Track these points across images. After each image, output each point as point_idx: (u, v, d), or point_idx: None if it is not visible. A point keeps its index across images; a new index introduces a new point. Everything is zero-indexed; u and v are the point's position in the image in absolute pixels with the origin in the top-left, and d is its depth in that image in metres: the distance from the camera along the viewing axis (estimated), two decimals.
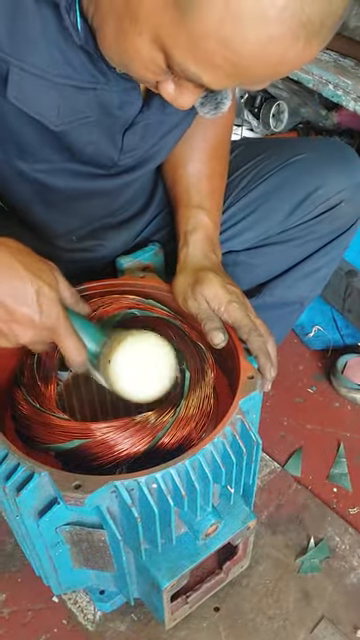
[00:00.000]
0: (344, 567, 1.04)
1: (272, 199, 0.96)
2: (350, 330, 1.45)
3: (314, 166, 0.95)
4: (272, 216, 0.97)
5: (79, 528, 0.73)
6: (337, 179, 0.94)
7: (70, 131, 0.73)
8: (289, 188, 0.95)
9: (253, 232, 0.99)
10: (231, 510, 0.83)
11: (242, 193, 0.98)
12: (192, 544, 0.80)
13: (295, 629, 0.96)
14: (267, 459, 1.20)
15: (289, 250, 1.01)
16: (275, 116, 1.73)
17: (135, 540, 0.73)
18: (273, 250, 1.01)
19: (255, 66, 0.53)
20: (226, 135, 0.98)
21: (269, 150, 0.99)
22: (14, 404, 0.81)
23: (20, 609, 0.99)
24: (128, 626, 0.95)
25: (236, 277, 1.05)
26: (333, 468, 1.21)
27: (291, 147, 0.99)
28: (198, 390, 0.79)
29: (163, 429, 0.75)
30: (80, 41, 0.64)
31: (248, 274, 1.05)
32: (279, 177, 0.96)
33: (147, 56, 0.57)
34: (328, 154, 0.97)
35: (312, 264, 1.03)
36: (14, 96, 0.67)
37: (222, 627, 0.95)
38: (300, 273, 1.04)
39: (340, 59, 1.35)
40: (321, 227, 0.98)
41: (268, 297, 1.07)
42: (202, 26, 0.51)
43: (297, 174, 0.95)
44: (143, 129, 0.79)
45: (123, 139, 0.78)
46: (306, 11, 0.49)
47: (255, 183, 0.97)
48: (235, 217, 0.99)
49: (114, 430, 0.74)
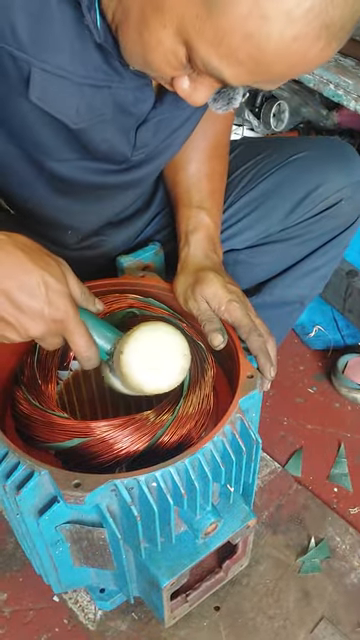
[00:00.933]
0: (344, 567, 1.04)
1: (272, 197, 0.97)
2: (351, 330, 1.45)
3: (314, 164, 0.96)
4: (272, 214, 0.97)
5: (79, 526, 0.73)
6: (337, 177, 0.94)
7: (87, 129, 0.74)
8: (289, 186, 0.95)
9: (254, 231, 0.99)
10: (231, 509, 0.83)
11: (243, 192, 0.98)
12: (192, 543, 0.80)
13: (295, 629, 0.96)
14: (267, 459, 1.20)
15: (289, 248, 1.01)
16: (276, 116, 1.73)
17: (135, 538, 0.73)
18: (273, 248, 1.01)
19: (277, 64, 0.55)
20: (226, 134, 0.98)
21: (269, 149, 1.00)
22: (14, 403, 0.81)
23: (21, 608, 0.99)
24: (129, 625, 0.95)
25: (236, 276, 1.05)
26: (333, 468, 1.21)
27: (291, 146, 0.99)
28: (198, 389, 0.79)
29: (163, 428, 0.75)
30: (100, 39, 0.65)
31: (248, 273, 1.05)
32: (279, 175, 0.96)
33: (170, 49, 0.58)
34: (328, 152, 0.97)
35: (312, 263, 1.03)
36: (37, 97, 0.68)
37: (222, 626, 0.96)
38: (300, 272, 1.04)
39: (341, 59, 1.35)
40: (321, 225, 0.98)
41: (268, 296, 1.07)
42: (228, 21, 0.52)
43: (297, 172, 0.95)
44: (155, 125, 0.79)
45: (136, 135, 0.79)
46: (330, 13, 0.51)
47: (255, 182, 0.98)
48: (236, 216, 0.99)
49: (114, 429, 0.74)
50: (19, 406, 0.79)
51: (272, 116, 1.72)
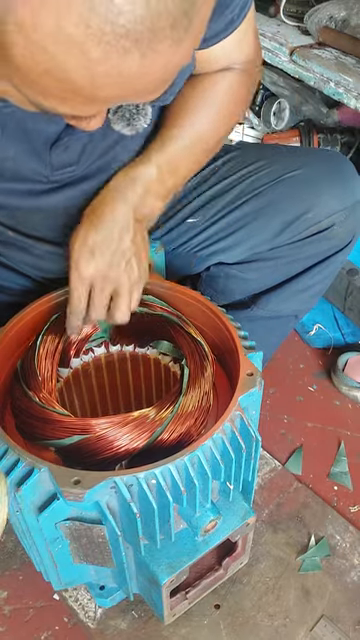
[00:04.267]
0: (344, 565, 1.04)
1: (262, 216, 0.93)
2: (351, 329, 1.45)
3: (307, 186, 0.92)
4: (262, 233, 0.94)
5: (79, 523, 0.73)
6: (330, 201, 0.91)
7: None
8: (279, 207, 0.92)
9: (241, 247, 0.96)
10: (230, 506, 0.83)
11: (231, 206, 0.95)
12: (191, 540, 0.80)
13: (295, 627, 0.96)
14: (268, 457, 1.20)
15: (278, 267, 0.99)
16: (276, 114, 1.73)
17: (134, 536, 0.73)
18: (263, 265, 0.99)
19: (101, 88, 0.47)
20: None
21: (263, 160, 0.96)
22: (14, 399, 0.81)
23: (21, 607, 0.99)
24: (129, 623, 0.95)
25: (229, 288, 1.04)
26: (334, 466, 1.21)
27: (287, 160, 0.95)
28: (197, 386, 0.79)
29: (162, 425, 0.75)
30: None
31: (241, 285, 1.04)
32: (271, 194, 0.93)
33: (16, 96, 0.52)
34: (324, 171, 0.93)
35: (306, 281, 1.01)
36: None
37: (223, 624, 0.96)
38: (294, 289, 1.02)
39: (341, 57, 1.35)
40: (311, 248, 0.95)
41: (262, 310, 1.06)
42: (22, 64, 0.45)
43: (289, 193, 0.92)
44: (77, 143, 0.77)
45: (51, 155, 0.77)
46: (119, 22, 0.42)
47: (245, 197, 0.94)
48: (224, 231, 0.96)
49: (113, 426, 0.74)
50: (19, 403, 0.79)
51: (272, 114, 1.72)
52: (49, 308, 0.89)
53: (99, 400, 0.99)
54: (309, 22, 1.41)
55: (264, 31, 1.46)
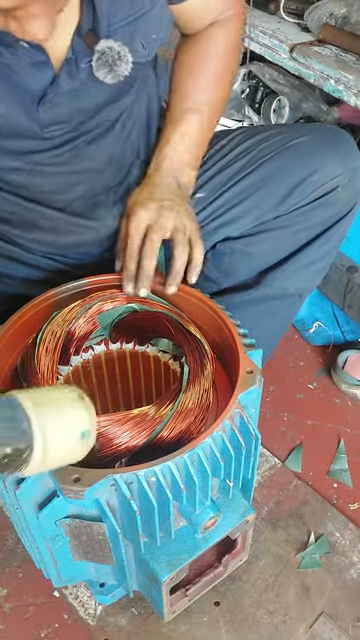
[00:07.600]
0: (344, 562, 1.04)
1: (268, 184, 0.96)
2: (351, 326, 1.45)
3: (310, 150, 0.95)
4: (267, 201, 0.97)
5: (78, 521, 0.73)
6: (333, 164, 0.94)
7: None
8: (285, 172, 0.95)
9: (248, 218, 0.99)
10: (230, 504, 0.83)
11: (238, 177, 0.98)
12: (191, 537, 0.80)
13: (295, 624, 0.96)
14: (267, 455, 1.20)
15: (285, 237, 1.01)
16: (276, 111, 1.72)
17: (134, 533, 0.74)
18: (268, 237, 1.01)
19: None
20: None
21: (267, 132, 1.00)
22: None
23: (21, 604, 0.99)
24: (129, 620, 0.96)
25: (234, 265, 1.05)
26: (333, 464, 1.21)
27: (290, 131, 0.99)
28: (197, 384, 0.79)
29: (162, 422, 0.75)
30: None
31: (246, 262, 1.05)
32: (275, 161, 0.96)
33: None
34: (326, 139, 0.97)
35: (310, 255, 1.02)
36: None
37: (222, 621, 0.96)
38: (298, 264, 1.03)
39: (341, 54, 1.35)
40: (316, 213, 0.98)
41: (268, 289, 1.06)
42: None
43: (293, 158, 0.95)
44: (64, 100, 0.80)
45: (38, 111, 0.80)
46: None
47: (251, 167, 0.97)
48: (230, 202, 0.99)
49: (113, 423, 0.74)
50: None
51: (272, 112, 1.72)
52: (49, 306, 0.89)
53: (99, 398, 0.99)
54: (309, 19, 1.41)
55: (264, 28, 1.45)
